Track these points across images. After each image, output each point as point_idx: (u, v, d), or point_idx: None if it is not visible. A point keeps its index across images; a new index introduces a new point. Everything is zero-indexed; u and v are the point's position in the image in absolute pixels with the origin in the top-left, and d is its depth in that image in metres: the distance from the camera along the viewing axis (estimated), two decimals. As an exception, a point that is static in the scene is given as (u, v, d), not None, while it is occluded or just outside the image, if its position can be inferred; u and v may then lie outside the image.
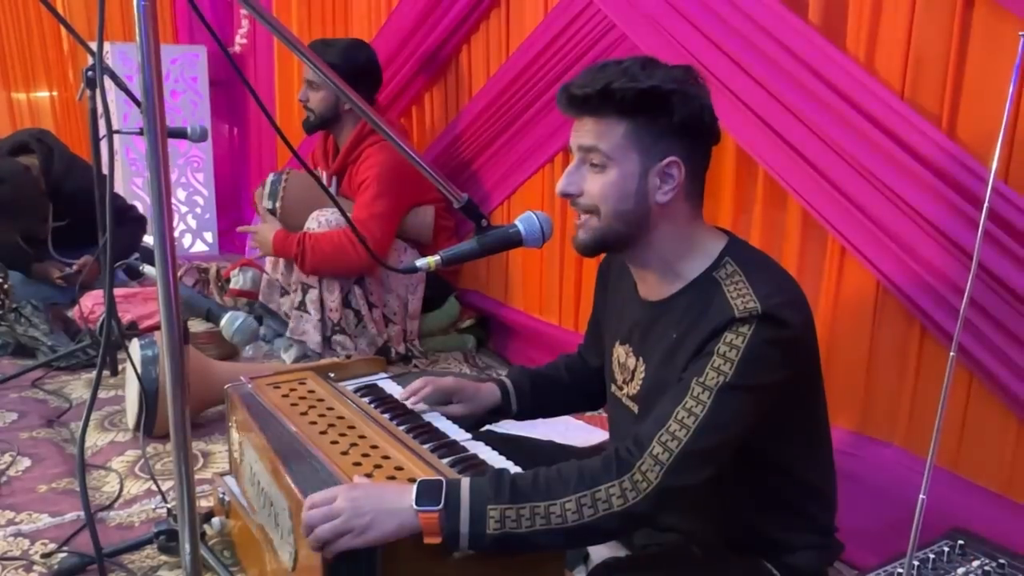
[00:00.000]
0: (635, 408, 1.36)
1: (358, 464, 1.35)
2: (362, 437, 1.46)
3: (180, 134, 2.58)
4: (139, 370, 2.11)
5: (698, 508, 1.29)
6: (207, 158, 4.44)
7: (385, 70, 2.93)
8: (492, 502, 1.15)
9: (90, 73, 2.45)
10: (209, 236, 4.57)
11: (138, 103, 2.53)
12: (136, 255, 3.45)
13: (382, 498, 1.16)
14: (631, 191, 1.25)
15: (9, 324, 2.80)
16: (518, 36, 2.63)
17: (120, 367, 2.69)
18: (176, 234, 4.45)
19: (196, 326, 2.78)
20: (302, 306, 2.67)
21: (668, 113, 1.21)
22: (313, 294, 2.64)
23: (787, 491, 1.34)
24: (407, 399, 1.62)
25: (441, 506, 1.14)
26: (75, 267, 3.26)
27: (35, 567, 1.62)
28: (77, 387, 2.57)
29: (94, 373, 2.46)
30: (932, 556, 1.14)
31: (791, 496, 1.35)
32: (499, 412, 1.63)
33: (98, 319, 2.76)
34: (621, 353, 1.41)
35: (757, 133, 1.87)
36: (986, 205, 0.83)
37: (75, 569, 1.59)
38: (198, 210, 4.51)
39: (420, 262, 1.30)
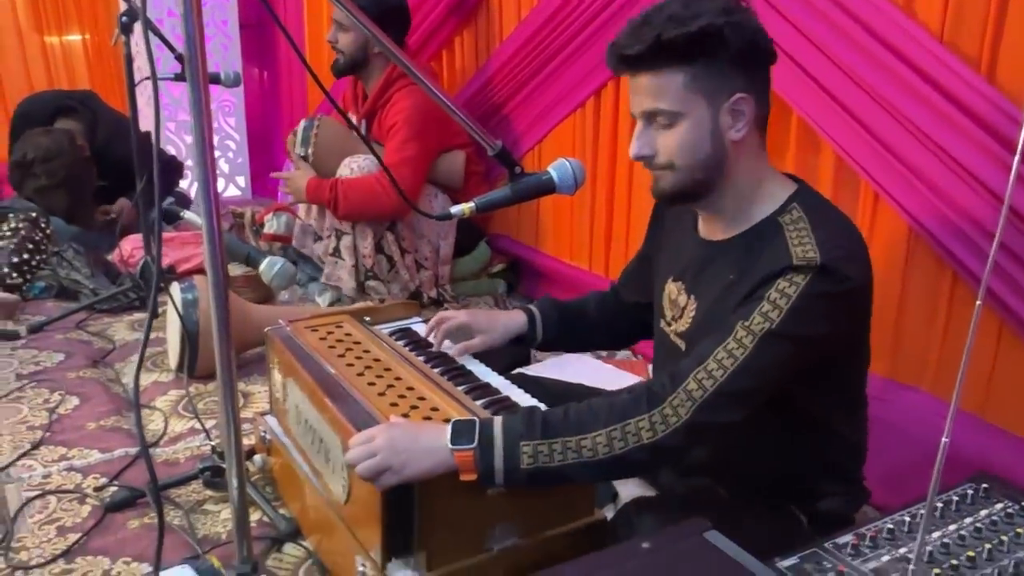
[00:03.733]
0: (682, 345, 1.38)
1: (395, 404, 1.40)
2: (398, 379, 1.50)
3: (215, 80, 2.61)
4: (181, 313, 2.17)
5: (728, 449, 1.32)
6: (238, 102, 4.46)
7: (415, 13, 2.92)
8: (524, 438, 1.19)
9: (124, 19, 2.47)
10: (242, 180, 4.62)
11: (173, 50, 2.56)
12: (171, 199, 3.52)
13: (418, 437, 1.21)
14: (706, 138, 1.24)
15: (52, 267, 2.87)
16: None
17: (160, 309, 2.75)
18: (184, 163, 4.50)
19: (234, 270, 2.84)
20: (336, 252, 2.71)
21: (725, 49, 1.19)
22: (347, 240, 2.68)
23: (819, 441, 1.37)
24: (430, 335, 1.66)
25: (475, 444, 1.19)
26: (113, 214, 3.33)
27: (88, 500, 1.70)
28: (119, 329, 2.64)
29: (136, 315, 2.54)
30: (956, 499, 1.16)
31: (823, 446, 1.37)
32: (523, 340, 1.65)
33: (137, 263, 2.83)
34: (673, 290, 1.42)
35: (790, 75, 1.84)
36: (1020, 147, 0.83)
37: (126, 502, 1.67)
38: (230, 154, 4.55)
39: (455, 209, 1.32)
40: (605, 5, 2.36)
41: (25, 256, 2.80)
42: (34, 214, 2.90)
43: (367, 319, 1.82)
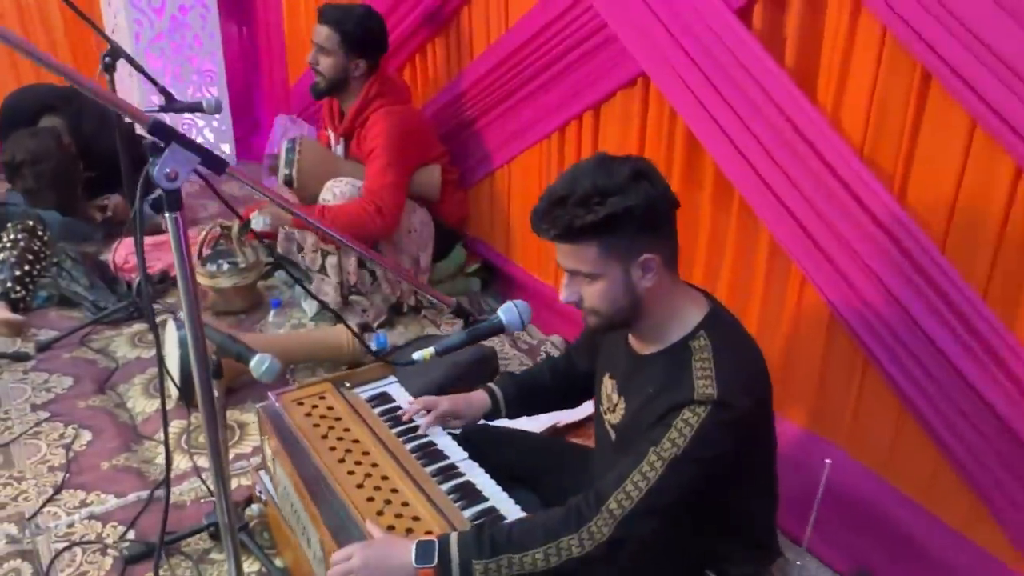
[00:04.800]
0: (613, 435, 1.61)
1: (371, 499, 1.63)
2: (375, 465, 1.73)
3: (196, 108, 2.73)
4: (177, 352, 2.38)
5: (646, 547, 1.57)
6: (219, 71, 4.50)
7: (387, 19, 2.98)
8: (476, 557, 1.43)
9: (107, 59, 2.57)
10: (227, 147, 4.71)
11: (155, 83, 2.67)
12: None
13: (388, 557, 1.44)
14: (620, 291, 1.44)
15: (52, 277, 3.05)
16: (516, 7, 2.68)
17: (158, 321, 2.96)
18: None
19: (223, 281, 3.01)
20: (322, 269, 2.89)
21: (630, 224, 1.38)
22: (332, 259, 2.85)
23: (730, 520, 1.59)
24: (409, 418, 1.88)
25: (435, 563, 1.43)
26: (109, 211, 3.47)
27: (109, 551, 1.96)
28: (121, 344, 2.85)
29: (136, 327, 2.75)
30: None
31: (737, 524, 1.61)
32: (491, 416, 1.90)
33: (134, 273, 3.01)
34: (608, 385, 1.64)
35: (737, 165, 2.00)
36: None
37: (142, 555, 1.92)
38: (215, 123, 4.63)
39: (416, 355, 1.52)
40: (574, 45, 2.46)
41: (27, 268, 2.96)
42: (31, 222, 3.05)
43: (347, 384, 2.03)
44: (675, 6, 2.06)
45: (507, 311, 1.54)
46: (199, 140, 4.49)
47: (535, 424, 2.29)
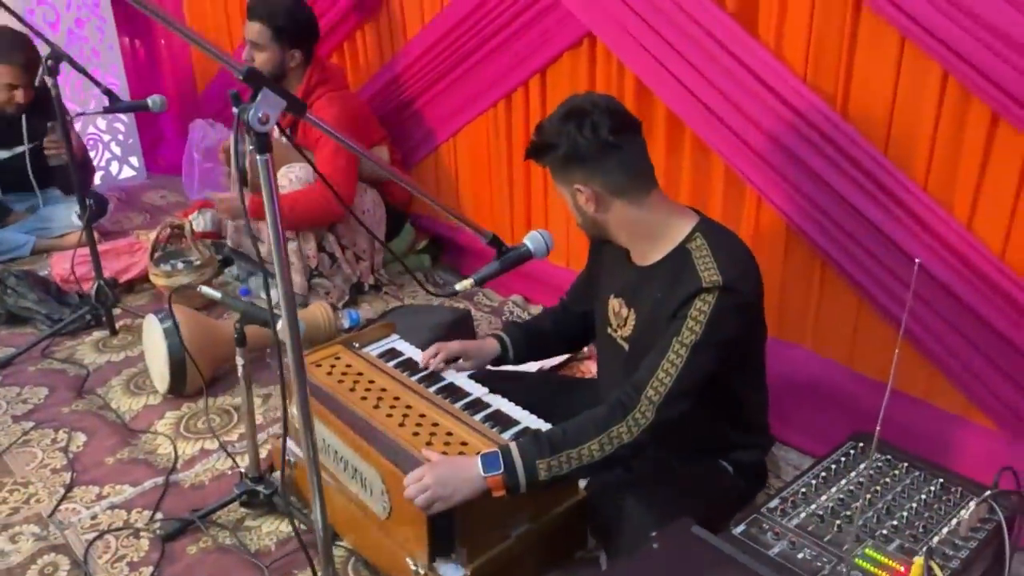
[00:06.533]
0: (626, 346, 1.80)
1: (416, 434, 1.75)
2: (408, 407, 1.85)
3: (142, 107, 2.73)
4: (165, 341, 2.40)
5: (677, 433, 1.76)
6: (122, 83, 4.42)
7: (313, 8, 3.05)
8: (538, 457, 1.58)
9: (50, 62, 2.55)
10: (135, 160, 4.63)
11: (99, 85, 2.68)
12: (89, 200, 3.58)
13: (457, 471, 1.57)
14: (574, 209, 1.72)
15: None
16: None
17: (117, 326, 2.93)
18: (102, 163, 4.50)
19: (180, 279, 3.01)
20: (281, 256, 2.94)
21: (556, 157, 1.65)
22: (292, 245, 2.91)
23: (735, 405, 1.82)
24: (426, 365, 2.01)
25: (502, 470, 1.57)
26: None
27: (142, 534, 1.98)
28: (86, 351, 2.82)
29: (96, 334, 2.74)
30: (842, 459, 1.64)
31: (738, 409, 1.83)
32: (500, 360, 2.05)
33: (88, 283, 2.97)
34: (615, 304, 1.82)
35: (687, 101, 2.22)
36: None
37: (180, 531, 1.96)
38: (120, 136, 4.54)
39: (459, 286, 1.66)
40: (512, 18, 2.62)
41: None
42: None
43: (356, 345, 2.13)
44: (616, -33, 2.26)
45: (532, 239, 1.69)
46: (106, 154, 4.43)
47: (526, 368, 2.44)
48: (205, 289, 1.87)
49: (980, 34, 1.65)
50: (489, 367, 2.09)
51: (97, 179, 4.31)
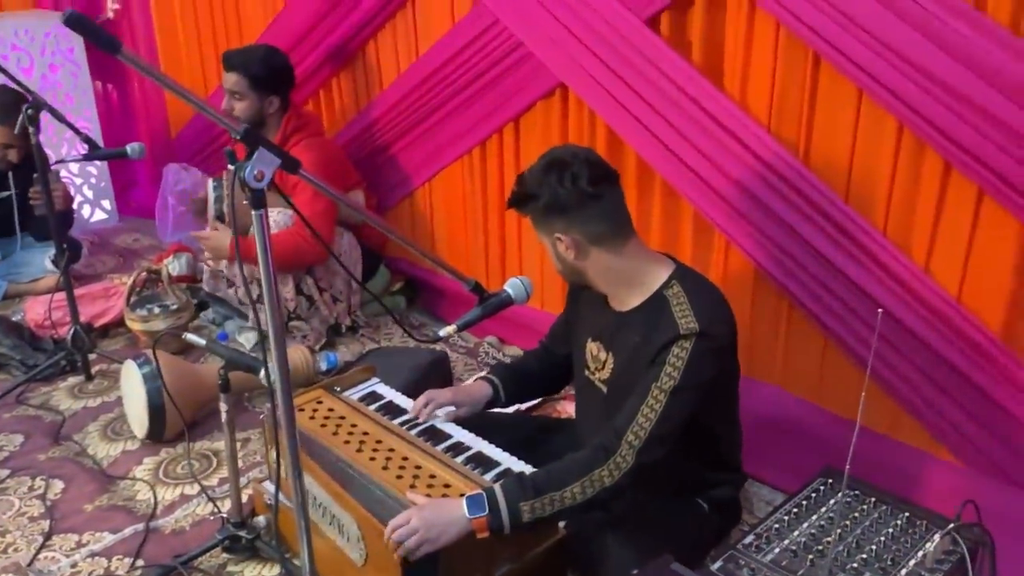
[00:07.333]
0: (604, 389, 1.85)
1: (400, 477, 1.78)
2: (391, 450, 1.88)
3: (121, 155, 2.77)
4: (145, 386, 2.41)
5: (655, 476, 1.81)
6: (95, 127, 4.43)
7: (290, 56, 3.12)
8: (522, 499, 1.62)
9: (30, 111, 2.58)
10: (107, 203, 4.62)
11: (79, 133, 2.71)
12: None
13: (443, 514, 1.61)
14: (556, 259, 1.79)
15: (-30, 343, 2.96)
16: (426, 37, 2.90)
17: (92, 372, 2.93)
18: (75, 206, 4.49)
19: (157, 324, 3.02)
20: (260, 299, 2.96)
21: (537, 208, 1.71)
22: (269, 288, 2.93)
23: (710, 443, 1.88)
24: (417, 415, 2.04)
25: (487, 512, 1.61)
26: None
27: (124, 582, 1.98)
28: (61, 397, 2.81)
29: (71, 380, 2.74)
30: (813, 494, 1.70)
31: (713, 447, 1.89)
32: (491, 404, 2.09)
33: (62, 325, 2.97)
34: (593, 348, 1.87)
35: (656, 150, 2.31)
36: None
37: (161, 578, 1.97)
38: (93, 180, 4.53)
39: (442, 332, 1.70)
40: (490, 65, 2.70)
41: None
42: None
43: (337, 389, 2.16)
44: (587, 21, 2.35)
45: (513, 286, 1.76)
46: (79, 198, 4.43)
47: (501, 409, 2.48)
48: (190, 336, 1.89)
49: (932, 90, 1.76)
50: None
51: (71, 222, 4.31)
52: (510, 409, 2.56)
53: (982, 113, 1.70)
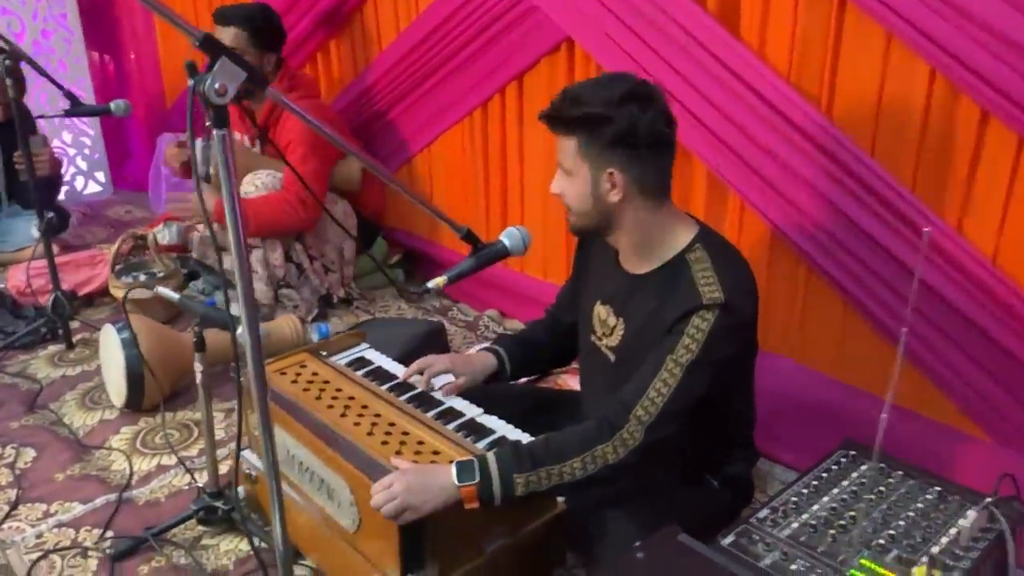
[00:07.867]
0: (612, 356, 1.69)
1: (385, 443, 1.65)
2: (377, 415, 1.74)
3: (105, 112, 2.64)
4: (123, 351, 2.28)
5: (663, 452, 1.67)
6: (88, 96, 4.32)
7: (283, 19, 2.98)
8: (516, 471, 1.48)
9: (8, 62, 2.45)
10: (101, 175, 4.52)
11: (60, 87, 2.58)
12: (51, 214, 3.46)
13: (429, 479, 1.47)
14: (587, 195, 1.56)
15: (-51, 309, 2.84)
16: (427, -8, 2.77)
17: (74, 340, 2.81)
18: (68, 178, 4.38)
19: (140, 293, 2.89)
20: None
21: (602, 133, 1.49)
22: (258, 254, 2.81)
23: (723, 421, 1.72)
24: (411, 377, 1.89)
25: (477, 480, 1.47)
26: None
27: (91, 553, 1.85)
28: (39, 365, 2.69)
29: (52, 348, 2.61)
30: (834, 467, 1.56)
31: (726, 423, 1.74)
32: (495, 376, 1.91)
33: (46, 295, 2.84)
34: (602, 311, 1.72)
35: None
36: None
37: (131, 549, 1.84)
38: (87, 151, 4.43)
39: (431, 284, 1.56)
40: (492, 21, 2.56)
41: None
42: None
43: (323, 353, 2.03)
44: (596, -31, 2.21)
45: (509, 235, 1.61)
46: (72, 169, 4.31)
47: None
48: (162, 290, 1.76)
49: (970, 30, 1.61)
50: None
51: (62, 194, 4.18)
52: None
53: (1026, 53, 1.55)
